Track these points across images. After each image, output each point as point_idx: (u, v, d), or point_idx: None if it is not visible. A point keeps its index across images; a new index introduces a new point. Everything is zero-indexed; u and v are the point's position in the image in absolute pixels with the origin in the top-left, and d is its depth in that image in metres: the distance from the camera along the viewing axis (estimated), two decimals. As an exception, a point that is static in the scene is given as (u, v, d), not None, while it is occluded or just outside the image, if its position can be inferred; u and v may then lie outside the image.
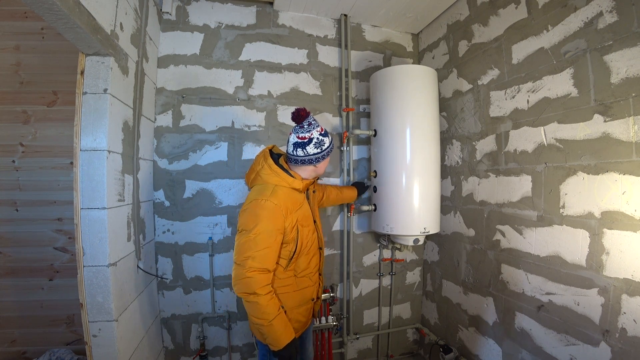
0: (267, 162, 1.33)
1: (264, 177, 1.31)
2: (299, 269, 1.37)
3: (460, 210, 2.06)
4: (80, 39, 1.21)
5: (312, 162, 1.33)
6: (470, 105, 1.95)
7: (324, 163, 1.37)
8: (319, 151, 1.31)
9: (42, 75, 2.05)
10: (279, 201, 1.23)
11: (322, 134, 1.33)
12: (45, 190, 2.07)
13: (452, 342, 2.12)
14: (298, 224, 1.30)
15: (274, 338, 1.22)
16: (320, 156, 1.33)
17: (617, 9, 1.20)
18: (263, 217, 1.19)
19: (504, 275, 1.71)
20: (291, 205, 1.28)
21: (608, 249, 1.24)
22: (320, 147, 1.31)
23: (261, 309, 1.20)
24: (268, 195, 1.23)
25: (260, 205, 1.21)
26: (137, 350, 1.61)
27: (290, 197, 1.29)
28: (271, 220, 1.20)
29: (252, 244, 1.18)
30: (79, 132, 1.33)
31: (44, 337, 2.10)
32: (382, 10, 2.16)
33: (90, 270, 1.35)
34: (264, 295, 1.19)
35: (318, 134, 1.32)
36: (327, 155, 1.36)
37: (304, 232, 1.33)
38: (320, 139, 1.32)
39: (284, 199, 1.26)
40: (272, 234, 1.20)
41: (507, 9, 1.66)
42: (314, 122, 1.33)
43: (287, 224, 1.25)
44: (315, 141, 1.30)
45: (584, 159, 1.32)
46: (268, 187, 1.28)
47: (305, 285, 1.40)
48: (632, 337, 1.16)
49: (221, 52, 2.07)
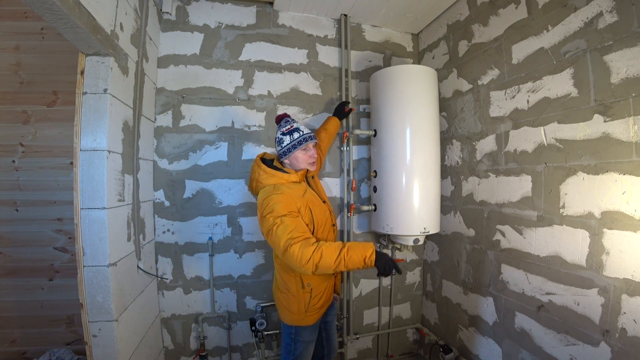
0: (260, 168, 1.47)
1: (263, 181, 1.45)
2: None
3: (460, 210, 2.06)
4: (80, 39, 1.21)
5: (282, 156, 1.50)
6: (470, 105, 1.95)
7: (294, 157, 1.49)
8: (280, 148, 1.50)
9: (42, 75, 2.05)
10: (284, 192, 1.37)
11: (284, 132, 1.49)
12: (45, 190, 2.07)
13: (452, 342, 2.12)
14: (310, 206, 1.44)
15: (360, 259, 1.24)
16: (282, 152, 1.49)
17: (617, 9, 1.20)
18: (277, 208, 1.32)
19: (504, 275, 1.71)
20: (295, 193, 1.41)
21: (608, 249, 1.24)
22: (280, 144, 1.49)
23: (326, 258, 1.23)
24: (272, 192, 1.38)
25: (271, 202, 1.34)
26: (137, 350, 1.61)
27: (292, 189, 1.42)
28: (285, 206, 1.33)
29: (282, 229, 1.28)
30: (79, 132, 1.33)
31: (44, 337, 2.10)
32: (382, 10, 2.16)
33: (90, 270, 1.35)
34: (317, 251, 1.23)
35: (279, 134, 1.51)
36: (289, 152, 1.47)
37: (316, 212, 1.46)
38: (280, 138, 1.50)
39: (287, 191, 1.39)
40: (292, 214, 1.33)
41: (507, 9, 1.66)
42: (282, 124, 1.53)
43: (299, 206, 1.37)
44: (277, 140, 1.51)
45: (584, 159, 1.32)
46: (269, 187, 1.42)
47: None
48: (632, 337, 1.16)
49: (221, 52, 2.07)
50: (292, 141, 1.47)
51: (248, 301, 2.13)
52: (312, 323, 1.52)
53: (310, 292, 1.47)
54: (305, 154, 1.50)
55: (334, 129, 2.00)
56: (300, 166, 1.50)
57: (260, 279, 2.14)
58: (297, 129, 1.49)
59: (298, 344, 1.52)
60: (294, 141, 1.47)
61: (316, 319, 1.53)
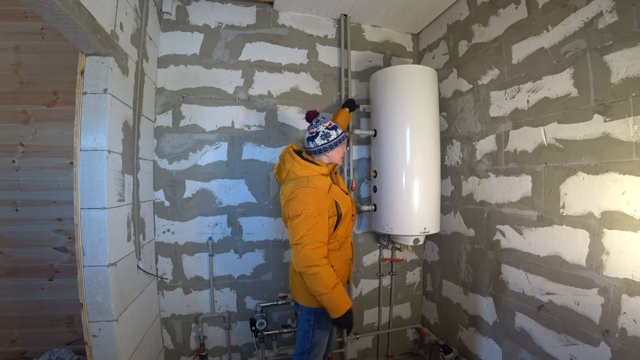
0: (295, 159, 1.49)
1: (297, 172, 1.48)
2: (341, 235, 1.54)
3: (460, 210, 2.06)
4: (80, 39, 1.21)
5: (322, 151, 1.52)
6: (470, 105, 1.95)
7: (336, 152, 1.55)
8: (326, 142, 1.51)
9: (42, 75, 2.05)
10: (317, 185, 1.42)
11: (328, 127, 1.52)
12: (45, 190, 2.07)
13: (452, 342, 2.12)
14: (336, 198, 1.49)
15: (336, 305, 1.36)
16: (327, 146, 1.51)
17: (617, 9, 1.19)
18: (308, 200, 1.37)
19: (504, 275, 1.71)
20: (325, 185, 1.47)
21: (608, 249, 1.24)
22: (326, 138, 1.51)
23: (323, 279, 1.34)
24: (306, 183, 1.42)
25: (304, 192, 1.38)
26: (137, 350, 1.61)
27: (322, 181, 1.48)
28: (316, 201, 1.38)
29: (304, 224, 1.34)
30: (79, 132, 1.33)
31: (44, 337, 2.10)
32: (382, 10, 2.16)
33: (90, 270, 1.35)
34: (323, 266, 1.34)
35: (324, 128, 1.52)
36: (335, 145, 1.52)
37: (341, 204, 1.51)
38: (326, 132, 1.51)
39: (318, 184, 1.44)
40: (318, 211, 1.37)
41: (507, 9, 1.66)
42: (321, 119, 1.55)
43: (326, 202, 1.43)
44: (321, 134, 1.51)
45: (584, 159, 1.32)
46: (303, 178, 1.46)
47: (346, 247, 1.62)
48: (632, 337, 1.16)
49: (221, 52, 2.07)
50: (338, 136, 1.53)
51: (248, 301, 2.13)
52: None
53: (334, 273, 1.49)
54: (342, 149, 1.59)
55: (344, 121, 2.02)
56: (337, 160, 1.57)
57: (260, 279, 2.14)
58: (337, 125, 1.56)
59: (316, 331, 1.54)
60: (340, 136, 1.53)
61: None
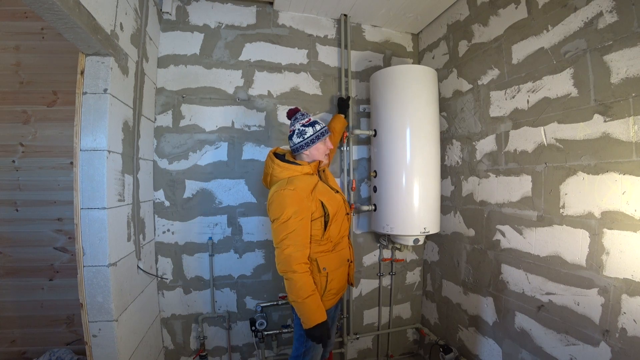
0: (274, 162, 1.48)
1: (278, 175, 1.47)
2: (334, 234, 1.50)
3: (460, 210, 2.06)
4: (80, 39, 1.21)
5: (299, 149, 1.50)
6: (470, 105, 1.95)
7: (315, 149, 1.51)
8: (302, 139, 1.49)
9: (42, 75, 2.05)
10: (297, 187, 1.38)
11: (304, 124, 1.49)
12: (45, 190, 2.07)
13: (452, 342, 2.12)
14: (322, 198, 1.45)
15: (307, 316, 1.33)
16: (304, 143, 1.49)
17: (617, 9, 1.19)
18: (286, 203, 1.34)
19: (504, 275, 1.71)
20: (308, 187, 1.43)
21: (608, 249, 1.24)
22: (302, 136, 1.48)
23: (296, 286, 1.32)
24: (285, 185, 1.39)
25: (282, 195, 1.36)
26: (137, 350, 1.61)
27: (305, 181, 1.44)
28: (295, 204, 1.35)
29: (283, 227, 1.33)
30: (79, 132, 1.33)
31: (44, 337, 2.10)
32: (382, 10, 2.16)
33: (90, 270, 1.35)
34: (300, 273, 1.32)
35: (299, 125, 1.50)
36: (312, 142, 1.49)
37: (330, 203, 1.47)
38: (301, 130, 1.49)
39: (300, 185, 1.40)
40: (297, 214, 1.34)
41: (507, 9, 1.66)
42: (299, 117, 1.52)
43: (310, 204, 1.39)
44: (297, 132, 1.50)
45: (584, 159, 1.32)
46: (283, 181, 1.44)
47: (342, 248, 1.57)
48: (632, 337, 1.16)
49: (221, 52, 2.07)
50: (316, 132, 1.49)
51: (248, 301, 2.13)
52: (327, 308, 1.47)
53: (327, 276, 1.47)
54: (324, 146, 1.54)
55: (339, 127, 2.00)
56: (318, 157, 1.53)
57: (260, 279, 2.14)
58: (316, 121, 1.52)
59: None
60: (317, 132, 1.50)
61: (331, 304, 1.51)
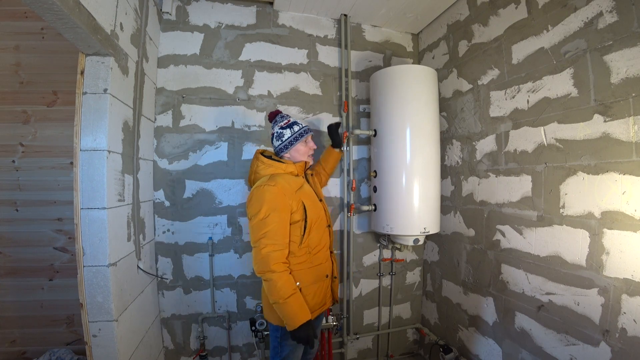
0: (259, 159, 1.48)
1: (260, 172, 1.45)
2: (312, 246, 1.45)
3: (460, 210, 2.06)
4: (80, 39, 1.21)
5: (280, 152, 1.51)
6: (470, 105, 1.95)
7: (295, 150, 1.50)
8: (280, 142, 1.49)
9: (42, 75, 2.05)
10: (277, 184, 1.35)
11: (283, 127, 1.49)
12: (45, 190, 2.07)
13: (452, 342, 2.12)
14: (303, 202, 1.41)
15: (290, 317, 1.28)
16: (282, 146, 1.49)
17: (617, 9, 1.19)
18: (265, 199, 1.31)
19: (504, 275, 1.71)
20: (290, 186, 1.39)
21: (608, 249, 1.24)
22: (280, 138, 1.49)
23: (277, 286, 1.27)
24: (266, 181, 1.36)
25: (261, 190, 1.33)
26: (137, 350, 1.61)
27: (288, 180, 1.41)
28: (275, 200, 1.31)
29: (261, 225, 1.29)
30: (79, 132, 1.32)
31: (44, 337, 2.10)
32: (382, 10, 2.16)
33: (90, 270, 1.35)
34: (279, 273, 1.28)
35: (278, 128, 1.50)
36: (290, 145, 1.48)
37: (311, 209, 1.43)
38: (279, 132, 1.49)
39: (282, 182, 1.37)
40: (277, 212, 1.31)
41: (507, 9, 1.66)
42: (279, 119, 1.53)
43: (291, 202, 1.35)
44: (275, 135, 1.50)
45: (584, 159, 1.32)
46: (264, 177, 1.42)
47: (319, 262, 1.49)
48: (632, 337, 1.16)
49: (221, 52, 2.07)
50: (294, 134, 1.48)
51: (248, 301, 2.13)
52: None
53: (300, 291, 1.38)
54: (305, 147, 1.52)
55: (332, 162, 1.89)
56: (300, 159, 1.51)
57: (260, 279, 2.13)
58: (296, 122, 1.51)
59: (285, 346, 1.45)
60: (295, 134, 1.48)
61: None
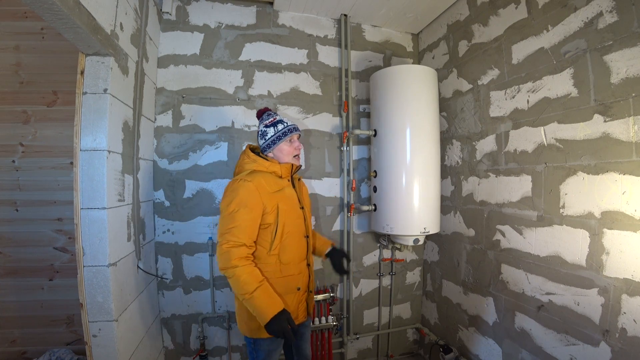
0: (246, 154, 1.44)
1: (244, 166, 1.42)
2: (284, 255, 1.36)
3: (460, 210, 2.06)
4: (80, 39, 1.21)
5: (264, 151, 1.46)
6: (470, 105, 1.95)
7: (278, 150, 1.43)
8: (264, 141, 1.44)
9: (42, 75, 2.05)
10: (254, 180, 1.31)
11: (267, 125, 1.44)
12: (45, 190, 2.07)
13: (452, 342, 2.12)
14: (279, 205, 1.34)
15: (260, 310, 1.19)
16: (265, 145, 1.44)
17: (617, 9, 1.20)
18: (237, 194, 1.27)
19: (504, 275, 1.71)
20: (269, 186, 1.34)
21: (608, 249, 1.24)
22: (263, 137, 1.44)
23: (240, 280, 1.20)
24: (244, 176, 1.33)
25: (236, 185, 1.30)
26: (137, 350, 1.61)
27: (268, 179, 1.36)
28: (246, 197, 1.27)
29: (229, 220, 1.25)
30: (79, 132, 1.32)
31: (44, 337, 2.10)
32: (382, 10, 2.16)
33: (90, 270, 1.35)
34: (242, 267, 1.21)
35: (262, 127, 1.46)
36: (273, 144, 1.43)
37: (287, 214, 1.36)
38: (263, 130, 1.45)
39: (260, 180, 1.33)
40: (247, 209, 1.26)
41: (507, 9, 1.66)
42: (264, 118, 1.48)
43: (265, 202, 1.30)
44: (260, 133, 1.46)
45: (584, 159, 1.32)
46: (245, 172, 1.38)
47: (290, 273, 1.38)
48: (632, 337, 1.16)
49: (221, 52, 2.07)
50: (277, 133, 1.42)
51: (248, 301, 2.13)
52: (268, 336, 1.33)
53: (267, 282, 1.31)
54: (290, 146, 1.44)
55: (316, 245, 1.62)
56: (284, 159, 1.44)
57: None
58: (281, 120, 1.45)
59: (259, 352, 1.40)
60: (279, 132, 1.42)
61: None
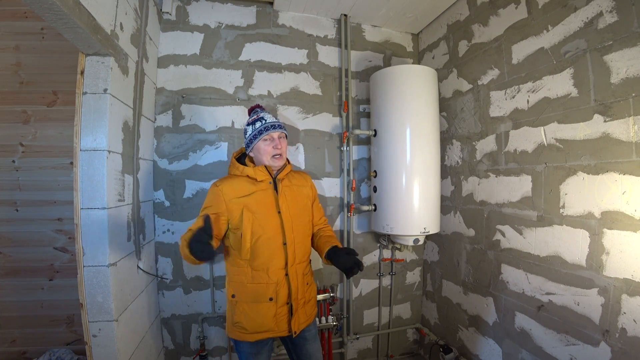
0: (232, 159, 1.46)
1: (229, 170, 1.46)
2: (254, 261, 1.31)
3: (460, 210, 2.06)
4: (80, 39, 1.21)
5: (247, 149, 1.43)
6: (470, 105, 1.95)
7: (256, 150, 1.37)
8: (245, 139, 1.43)
9: (42, 75, 2.05)
10: (221, 184, 1.34)
11: (248, 123, 1.42)
12: (45, 190, 2.07)
13: (452, 342, 2.12)
14: (244, 210, 1.30)
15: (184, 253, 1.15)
16: (246, 144, 1.43)
17: (617, 9, 1.19)
18: (207, 197, 1.36)
19: (504, 275, 1.71)
20: (236, 190, 1.33)
21: (608, 249, 1.24)
22: (245, 135, 1.43)
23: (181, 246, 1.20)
24: (217, 181, 1.37)
25: (209, 189, 1.37)
26: (137, 350, 1.61)
27: (239, 183, 1.36)
28: (211, 199, 1.34)
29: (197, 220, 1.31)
30: (79, 132, 1.33)
31: (44, 337, 2.10)
32: (382, 10, 2.16)
33: (90, 270, 1.35)
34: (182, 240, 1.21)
35: (245, 125, 1.44)
36: (251, 143, 1.38)
37: (256, 219, 1.31)
38: (245, 129, 1.43)
39: (229, 184, 1.35)
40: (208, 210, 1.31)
41: (507, 9, 1.66)
42: (251, 115, 1.46)
43: (230, 206, 1.31)
44: (243, 131, 1.45)
45: (584, 159, 1.32)
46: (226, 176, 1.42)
47: (262, 281, 1.31)
48: (632, 337, 1.16)
49: (221, 52, 2.07)
50: (254, 131, 1.35)
51: (248, 301, 2.13)
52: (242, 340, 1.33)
53: (235, 305, 1.34)
54: (268, 145, 1.33)
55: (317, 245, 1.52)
56: (263, 160, 1.34)
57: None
58: (262, 118, 1.36)
59: (240, 354, 1.39)
60: (255, 131, 1.34)
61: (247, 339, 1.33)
